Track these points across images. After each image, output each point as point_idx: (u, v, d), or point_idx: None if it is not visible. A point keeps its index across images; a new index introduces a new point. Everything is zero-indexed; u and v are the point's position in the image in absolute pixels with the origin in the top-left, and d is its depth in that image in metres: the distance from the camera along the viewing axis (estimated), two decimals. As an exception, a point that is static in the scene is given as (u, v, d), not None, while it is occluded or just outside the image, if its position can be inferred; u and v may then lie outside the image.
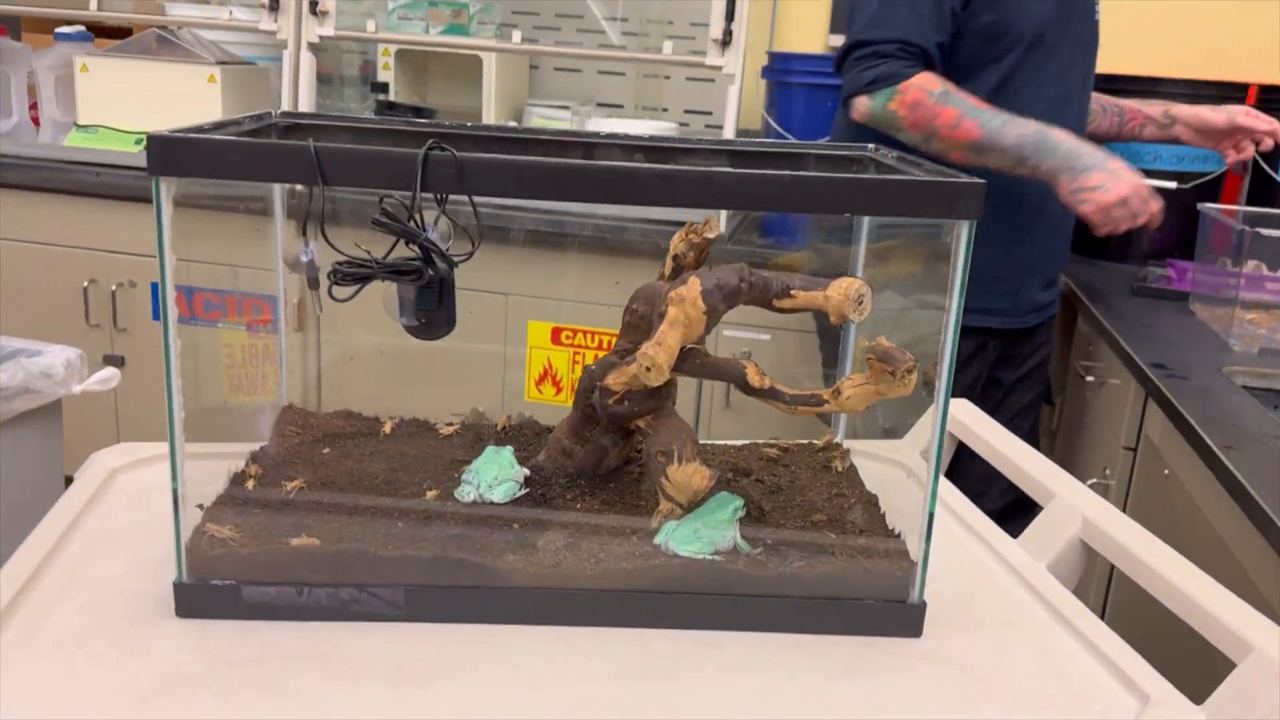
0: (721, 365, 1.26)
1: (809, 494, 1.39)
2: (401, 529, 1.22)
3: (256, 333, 2.34)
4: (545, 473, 1.37)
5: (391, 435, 1.48)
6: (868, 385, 1.21)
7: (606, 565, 1.19)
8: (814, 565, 1.20)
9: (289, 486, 1.29)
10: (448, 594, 1.16)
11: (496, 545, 1.20)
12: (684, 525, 1.23)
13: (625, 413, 1.29)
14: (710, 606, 1.19)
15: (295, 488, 1.29)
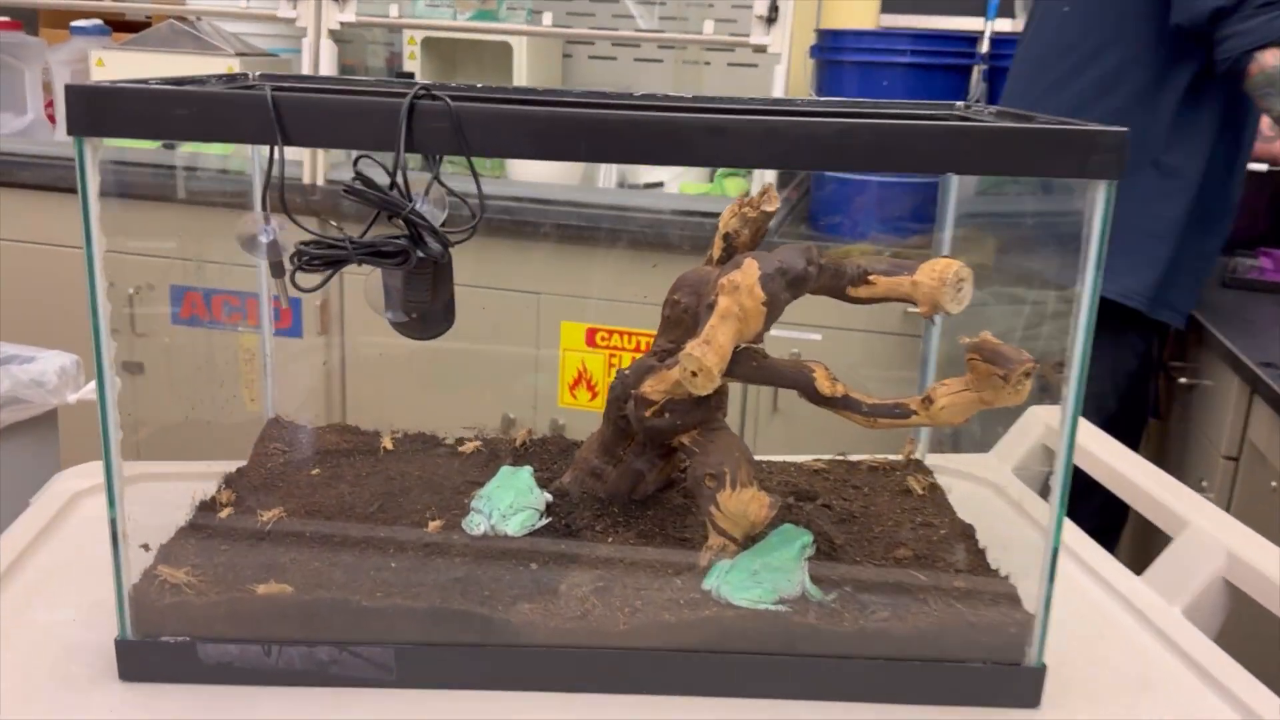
0: (784, 369, 1.03)
1: (889, 523, 1.16)
2: (394, 572, 0.99)
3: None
4: (571, 498, 1.14)
5: (393, 452, 1.26)
6: (968, 392, 0.97)
7: (644, 617, 0.96)
8: (903, 617, 0.97)
9: (265, 517, 1.08)
10: (448, 654, 0.94)
11: (509, 592, 0.98)
12: (739, 566, 0.99)
13: (666, 427, 1.06)
14: (773, 670, 0.95)
15: (272, 518, 1.08)
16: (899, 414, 1.01)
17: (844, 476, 1.28)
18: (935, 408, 0.99)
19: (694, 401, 1.05)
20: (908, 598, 1.00)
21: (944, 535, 1.14)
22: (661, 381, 1.04)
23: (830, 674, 0.95)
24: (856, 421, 1.02)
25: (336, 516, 1.10)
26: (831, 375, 1.02)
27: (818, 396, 1.02)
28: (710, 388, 0.94)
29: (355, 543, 1.05)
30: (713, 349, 0.93)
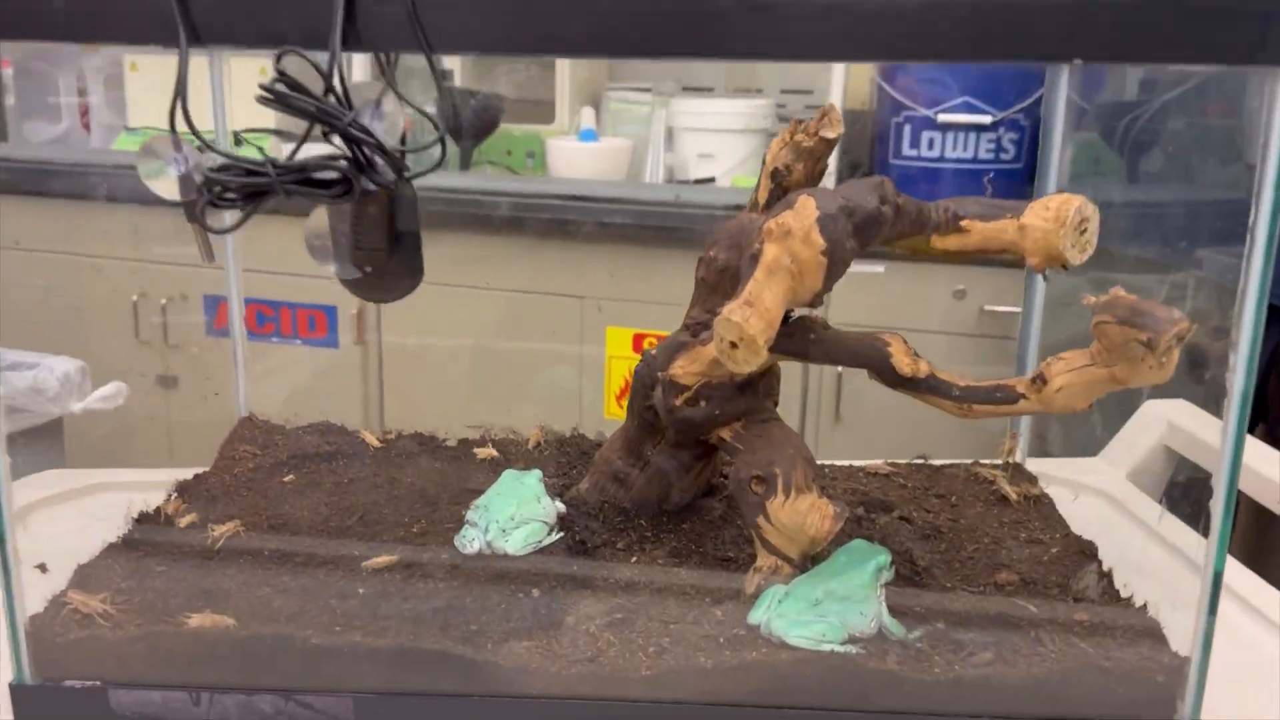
0: (851, 343, 0.81)
1: (986, 540, 0.93)
2: (360, 601, 0.79)
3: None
4: (588, 509, 0.93)
5: (386, 456, 1.06)
6: (1094, 368, 0.75)
7: (673, 659, 0.74)
8: (1011, 661, 0.74)
9: (216, 533, 0.88)
10: (419, 707, 0.73)
11: (500, 626, 0.77)
12: (797, 594, 0.78)
13: (701, 418, 0.84)
14: None
15: (223, 534, 0.88)
16: (1001, 399, 0.79)
17: (925, 484, 1.05)
18: (1050, 389, 0.76)
19: (736, 385, 0.84)
20: (1016, 635, 0.77)
21: (1056, 554, 0.90)
22: (695, 360, 0.83)
23: (917, 736, 0.73)
24: (945, 409, 0.80)
25: (304, 532, 0.91)
26: (912, 350, 0.80)
27: (895, 377, 0.80)
28: (755, 364, 0.72)
29: (320, 564, 0.85)
30: (757, 312, 0.71)
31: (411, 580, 0.82)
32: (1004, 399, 0.79)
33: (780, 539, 0.81)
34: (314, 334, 3.02)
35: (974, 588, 0.85)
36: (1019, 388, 0.79)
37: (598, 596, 0.81)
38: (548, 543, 0.88)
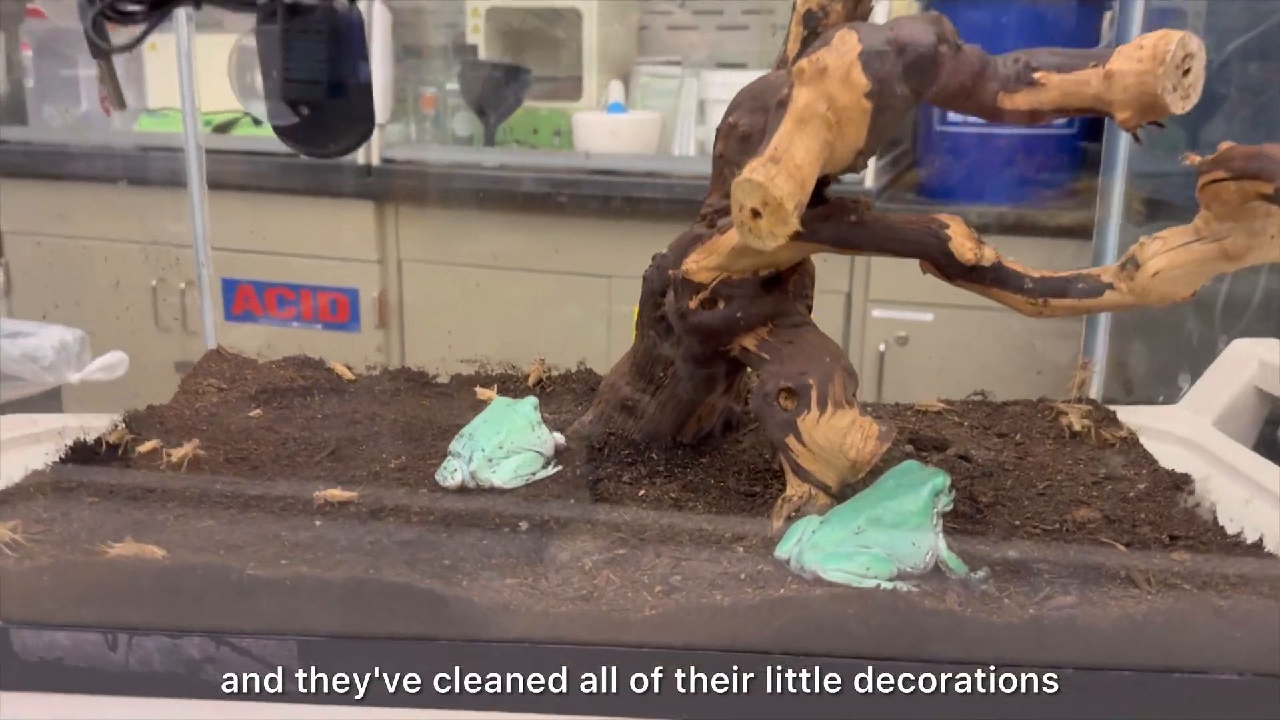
0: (902, 228, 0.67)
1: (1059, 477, 0.79)
2: (315, 533, 0.67)
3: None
4: (594, 441, 0.80)
5: (368, 392, 0.94)
6: (1200, 244, 0.61)
7: (684, 598, 0.61)
8: (1102, 605, 0.60)
9: (175, 457, 0.77)
10: (376, 652, 0.61)
11: (478, 563, 0.64)
12: (835, 522, 0.64)
13: (720, 323, 0.71)
14: (889, 683, 0.59)
15: (183, 457, 0.76)
16: (1084, 290, 0.65)
17: (984, 421, 0.91)
18: (1145, 275, 0.63)
19: (760, 283, 0.71)
20: (1104, 576, 0.63)
21: (1145, 490, 0.76)
22: (711, 253, 0.70)
23: (984, 692, 0.59)
24: (1016, 306, 0.66)
25: (264, 467, 0.78)
26: (976, 235, 0.67)
27: (956, 267, 0.66)
28: (783, 236, 0.59)
29: (277, 500, 0.73)
30: (784, 169, 0.58)
31: (381, 516, 0.70)
32: (1087, 291, 0.65)
33: (814, 463, 0.68)
34: (335, 318, 2.92)
35: (1047, 525, 0.71)
36: (1104, 276, 0.65)
37: (598, 532, 0.68)
38: (542, 476, 0.76)
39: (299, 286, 2.86)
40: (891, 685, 0.59)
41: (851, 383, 0.69)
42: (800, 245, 0.68)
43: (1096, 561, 0.65)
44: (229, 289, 3.03)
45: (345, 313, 2.91)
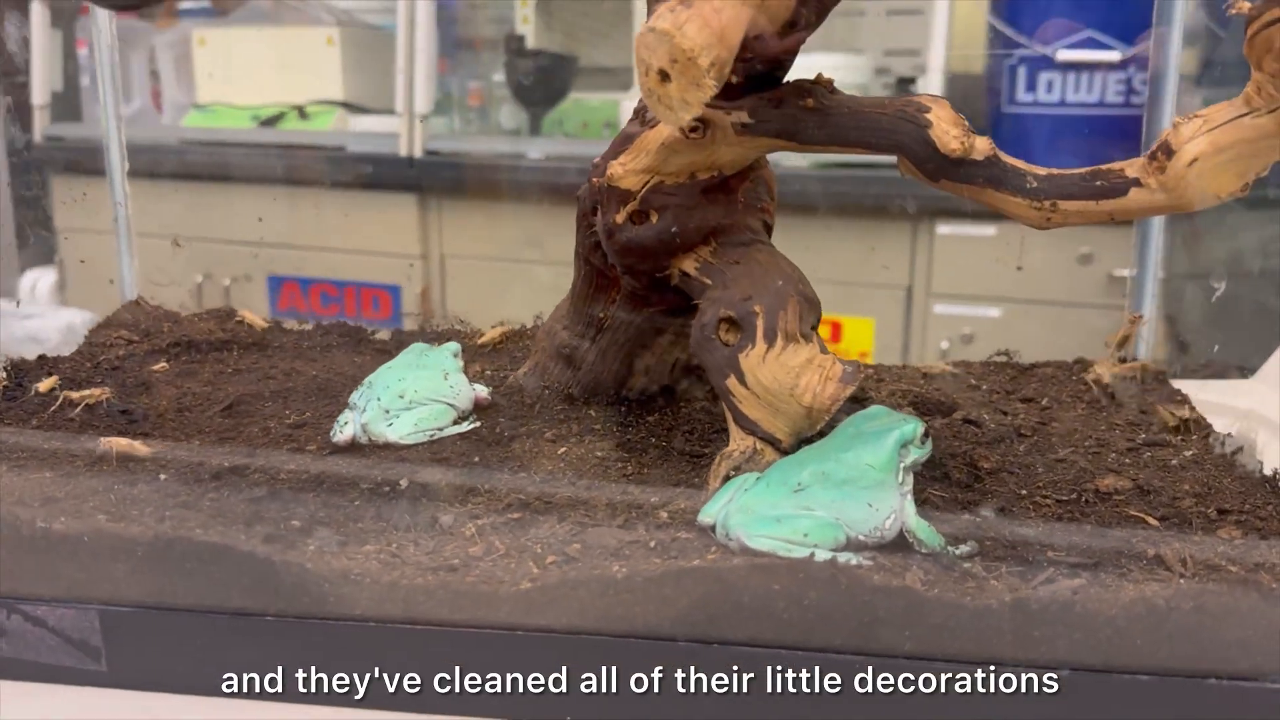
0: (871, 114, 0.54)
1: (1086, 443, 0.64)
2: (154, 488, 0.55)
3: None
4: (527, 396, 0.68)
5: (294, 347, 0.83)
6: (1250, 119, 0.46)
7: (572, 572, 0.48)
8: (1117, 590, 0.45)
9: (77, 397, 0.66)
10: (188, 628, 0.49)
11: (330, 527, 0.52)
12: (772, 478, 0.51)
13: (653, 239, 0.58)
14: (834, 680, 0.45)
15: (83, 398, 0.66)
16: (1102, 189, 0.51)
17: (1007, 385, 0.76)
18: (1179, 163, 0.48)
19: (699, 188, 0.57)
20: (1128, 556, 0.48)
21: (1191, 458, 0.61)
22: (639, 152, 0.57)
23: (949, 694, 0.45)
24: (1018, 213, 0.52)
25: (146, 421, 0.68)
26: (965, 122, 0.53)
27: (939, 161, 0.52)
28: (697, 104, 0.46)
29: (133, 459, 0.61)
30: (696, 15, 0.45)
31: (242, 474, 0.58)
32: (1107, 190, 0.51)
33: (760, 410, 0.54)
34: (378, 314, 2.85)
35: (1062, 495, 0.56)
36: (1130, 171, 0.50)
37: (497, 495, 0.56)
38: (452, 432, 0.63)
39: (343, 283, 2.80)
40: (838, 685, 0.46)
41: (811, 313, 0.56)
42: (747, 140, 0.55)
43: (1120, 538, 0.51)
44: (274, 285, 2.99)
45: (387, 309, 2.84)
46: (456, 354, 0.68)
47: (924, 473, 0.58)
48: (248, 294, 3.27)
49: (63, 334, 1.82)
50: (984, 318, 2.31)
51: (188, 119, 3.44)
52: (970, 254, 2.13)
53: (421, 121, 2.78)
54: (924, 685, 0.44)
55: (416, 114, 2.63)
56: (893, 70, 3.26)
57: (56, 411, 0.67)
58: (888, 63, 3.42)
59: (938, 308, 2.21)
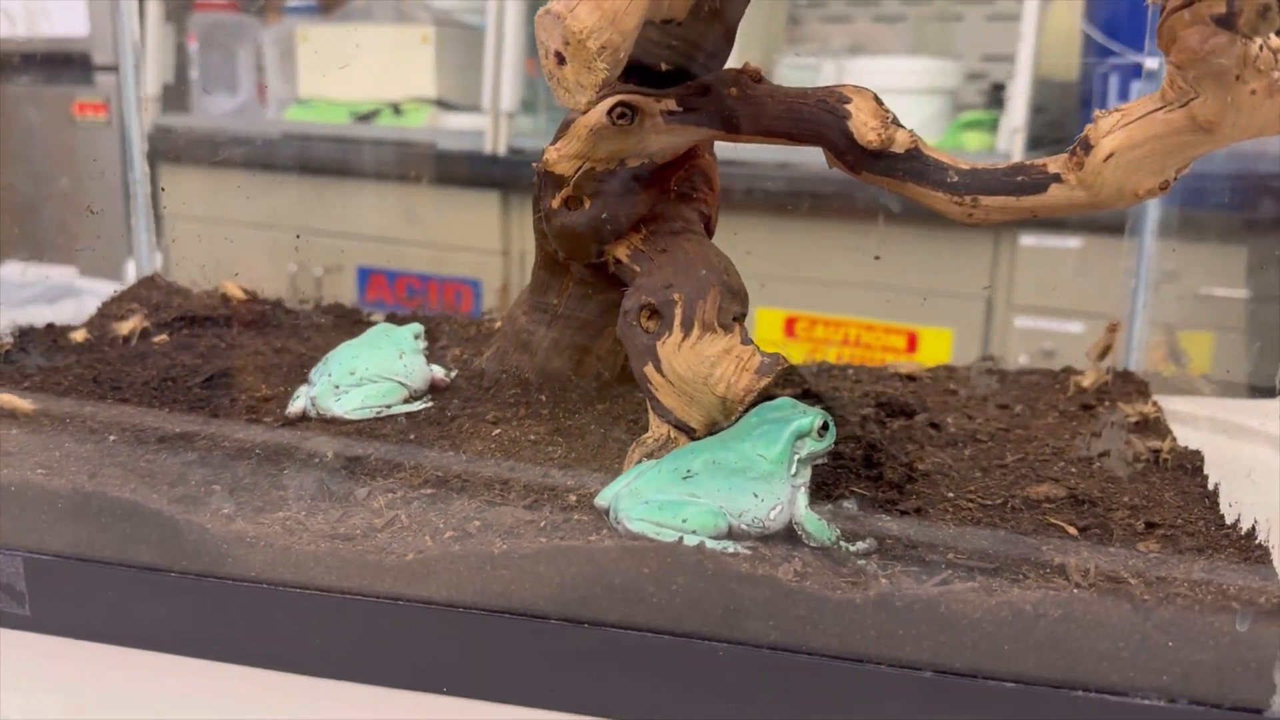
0: (792, 104, 0.53)
1: (1041, 450, 0.62)
2: (95, 450, 0.58)
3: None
4: (485, 380, 0.69)
5: (290, 326, 0.86)
6: (1163, 113, 0.44)
7: (458, 547, 0.49)
8: (1000, 593, 0.44)
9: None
10: (104, 579, 0.51)
11: (246, 493, 0.54)
12: (665, 465, 0.50)
13: (585, 225, 0.58)
14: (697, 665, 0.45)
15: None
16: (1023, 184, 0.49)
17: (986, 390, 0.74)
18: (1095, 159, 0.47)
19: (631, 175, 0.57)
20: (1029, 563, 0.47)
21: (1140, 470, 0.58)
22: (572, 138, 0.57)
23: (809, 685, 0.44)
24: (939, 207, 0.51)
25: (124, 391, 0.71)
26: (886, 112, 0.52)
27: (858, 153, 0.51)
28: (591, 87, 0.46)
29: (100, 423, 0.64)
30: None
31: (189, 441, 0.61)
32: (1027, 186, 0.49)
33: (675, 398, 0.54)
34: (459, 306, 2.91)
35: (988, 500, 0.54)
36: (1051, 166, 0.49)
37: (420, 472, 0.57)
38: (400, 410, 0.65)
39: (427, 276, 2.87)
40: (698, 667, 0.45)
41: (733, 304, 0.55)
42: (675, 129, 0.55)
43: (1029, 545, 0.49)
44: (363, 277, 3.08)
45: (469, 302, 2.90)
46: (418, 335, 0.69)
47: (858, 471, 0.57)
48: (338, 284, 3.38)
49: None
50: (1065, 332, 2.24)
51: (289, 112, 3.55)
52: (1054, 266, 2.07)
53: (507, 119, 2.83)
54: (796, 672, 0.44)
55: (502, 112, 2.68)
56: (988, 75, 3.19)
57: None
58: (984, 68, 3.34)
59: (1019, 321, 2.15)
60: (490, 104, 2.72)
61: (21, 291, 2.19)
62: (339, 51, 3.36)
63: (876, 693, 0.43)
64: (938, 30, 3.33)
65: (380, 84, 3.09)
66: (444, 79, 3.10)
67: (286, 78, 3.63)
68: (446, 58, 3.17)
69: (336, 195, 3.23)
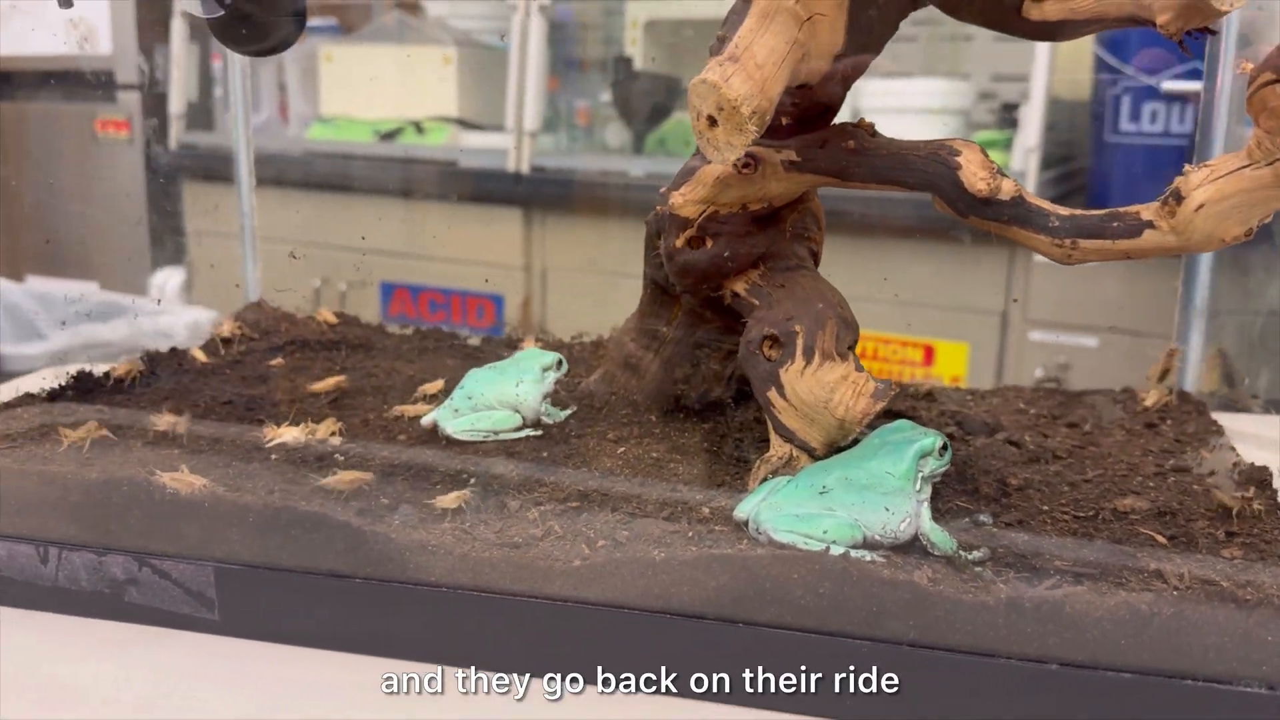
0: (906, 155, 0.59)
1: (1118, 466, 0.68)
2: (264, 468, 0.64)
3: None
4: (595, 401, 0.75)
5: (394, 349, 0.91)
6: (1251, 170, 0.50)
7: (618, 554, 0.54)
8: (1108, 595, 0.50)
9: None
10: (292, 586, 0.57)
11: (410, 505, 0.59)
12: (801, 481, 0.56)
13: (707, 263, 0.64)
14: (843, 661, 0.51)
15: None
16: (1119, 230, 0.55)
17: (1055, 410, 0.80)
18: (1187, 209, 0.52)
19: (751, 219, 0.63)
20: (1129, 569, 0.52)
21: (1214, 484, 0.64)
22: (697, 184, 0.63)
23: (947, 679, 0.50)
24: (1040, 249, 0.57)
25: (259, 409, 0.76)
26: (992, 164, 0.58)
27: (968, 201, 0.57)
28: (740, 147, 0.52)
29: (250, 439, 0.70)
30: (742, 69, 0.51)
31: (336, 456, 0.66)
32: (1123, 231, 0.55)
33: (797, 420, 0.60)
34: (481, 322, 2.96)
35: (1080, 512, 0.60)
36: (1144, 214, 0.55)
37: (559, 486, 0.62)
38: (510, 437, 0.70)
39: (449, 291, 2.91)
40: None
41: (848, 334, 0.61)
42: (794, 176, 0.61)
43: (1125, 552, 0.55)
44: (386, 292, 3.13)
45: (491, 317, 2.95)
46: (548, 367, 0.74)
47: (956, 486, 0.63)
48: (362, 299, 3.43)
49: (190, 330, 1.96)
50: (1080, 346, 2.30)
51: (311, 131, 3.61)
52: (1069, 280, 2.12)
53: (530, 138, 2.89)
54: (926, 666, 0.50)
55: (526, 131, 2.73)
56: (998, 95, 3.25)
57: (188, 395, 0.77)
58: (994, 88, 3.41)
59: (1034, 335, 2.21)
60: (514, 123, 2.77)
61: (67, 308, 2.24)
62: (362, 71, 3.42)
63: (1007, 683, 0.49)
64: (948, 50, 3.40)
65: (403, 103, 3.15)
66: (465, 98, 3.14)
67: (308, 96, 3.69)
68: (468, 78, 3.23)
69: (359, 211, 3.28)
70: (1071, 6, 0.56)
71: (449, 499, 0.58)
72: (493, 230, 2.87)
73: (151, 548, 0.59)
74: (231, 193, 3.53)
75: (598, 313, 2.75)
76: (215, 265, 2.95)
